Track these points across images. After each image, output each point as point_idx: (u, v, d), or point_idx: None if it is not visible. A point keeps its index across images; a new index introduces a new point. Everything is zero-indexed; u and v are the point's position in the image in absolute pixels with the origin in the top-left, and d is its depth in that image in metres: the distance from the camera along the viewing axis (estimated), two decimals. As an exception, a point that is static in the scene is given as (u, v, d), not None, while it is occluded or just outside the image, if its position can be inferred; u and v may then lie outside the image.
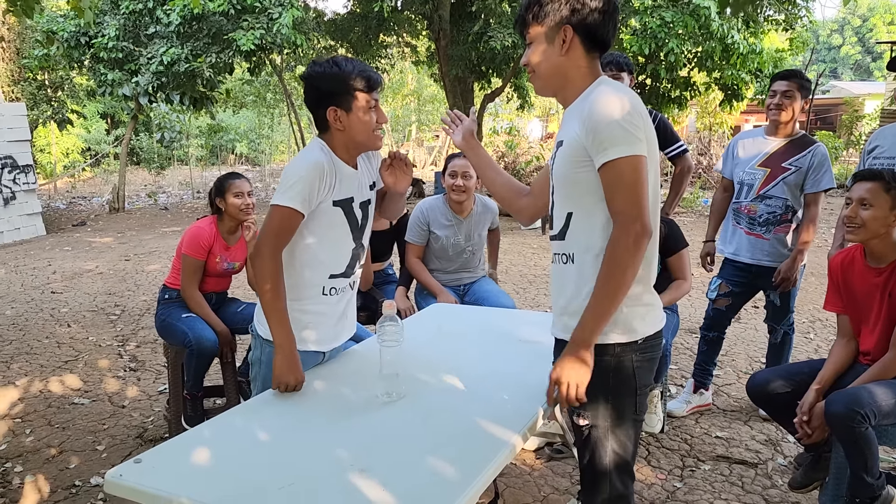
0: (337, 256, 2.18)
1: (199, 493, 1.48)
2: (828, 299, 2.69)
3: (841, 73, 45.33)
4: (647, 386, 1.76)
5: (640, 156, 1.57)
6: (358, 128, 2.06)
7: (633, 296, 1.67)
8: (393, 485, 1.51)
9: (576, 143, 1.64)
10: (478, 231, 3.67)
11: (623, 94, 1.62)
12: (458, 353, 2.48)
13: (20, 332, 5.39)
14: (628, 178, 1.57)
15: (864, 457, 2.28)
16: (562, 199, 1.75)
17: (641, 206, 1.57)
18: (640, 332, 1.70)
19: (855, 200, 2.45)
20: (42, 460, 3.24)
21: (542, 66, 1.73)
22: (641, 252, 1.59)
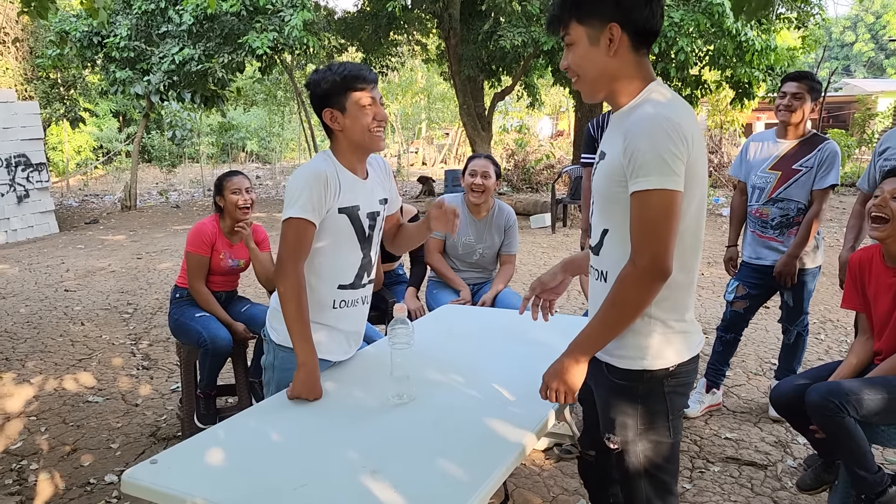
0: (344, 265, 2.19)
1: (214, 493, 1.51)
2: (845, 297, 2.69)
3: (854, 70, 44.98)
4: (681, 409, 1.71)
5: (673, 191, 1.47)
6: (353, 127, 2.07)
7: (669, 325, 1.61)
8: (404, 486, 1.52)
9: (615, 160, 1.55)
10: (491, 234, 3.68)
11: (671, 112, 1.50)
12: (469, 355, 2.50)
13: (34, 329, 5.45)
14: (654, 214, 1.48)
15: (849, 447, 2.30)
16: (599, 213, 1.69)
17: (661, 245, 1.48)
18: (673, 360, 1.63)
19: (886, 192, 2.43)
20: (57, 458, 3.28)
21: (588, 70, 1.60)
22: (651, 293, 1.52)
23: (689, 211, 1.56)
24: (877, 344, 2.58)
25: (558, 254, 8.42)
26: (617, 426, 1.68)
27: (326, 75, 2.06)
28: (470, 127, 12.01)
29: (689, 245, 1.60)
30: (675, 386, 1.65)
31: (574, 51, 1.61)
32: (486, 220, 3.66)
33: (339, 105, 2.06)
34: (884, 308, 2.53)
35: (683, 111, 1.54)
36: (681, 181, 1.48)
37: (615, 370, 1.66)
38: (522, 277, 7.05)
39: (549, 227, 10.23)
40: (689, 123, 1.51)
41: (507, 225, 3.71)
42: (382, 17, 12.11)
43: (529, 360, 2.40)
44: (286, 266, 2.03)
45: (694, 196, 1.55)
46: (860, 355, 2.61)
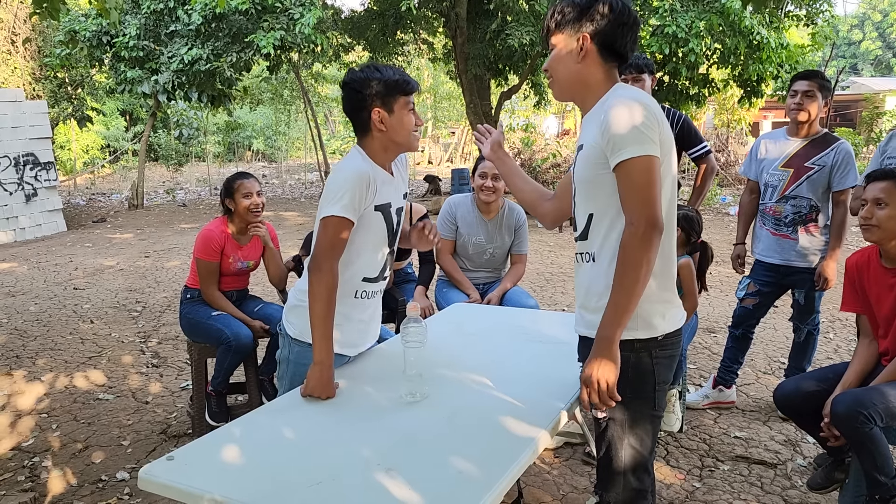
0: (373, 261, 2.23)
1: (230, 490, 1.52)
2: (845, 300, 2.68)
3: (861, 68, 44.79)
4: (666, 382, 1.80)
5: (652, 156, 1.63)
6: (398, 129, 2.14)
7: (652, 292, 1.72)
8: (419, 484, 1.53)
9: (595, 146, 1.70)
10: (501, 234, 3.69)
11: (638, 99, 1.67)
12: (480, 353, 2.50)
13: (44, 328, 5.48)
14: (639, 178, 1.63)
15: (873, 456, 2.29)
16: (583, 200, 1.80)
17: (651, 203, 1.62)
18: (660, 328, 1.75)
19: (870, 201, 2.43)
20: (69, 455, 3.30)
21: (560, 72, 1.80)
22: (653, 248, 1.63)
23: (664, 185, 1.69)
24: (883, 344, 2.57)
25: (565, 252, 8.42)
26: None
27: (377, 75, 2.09)
28: (477, 126, 12.02)
29: (667, 219, 1.71)
30: (662, 357, 1.77)
31: (553, 55, 1.81)
32: (496, 220, 3.66)
33: (387, 106, 2.11)
34: (887, 308, 2.52)
35: (649, 99, 1.71)
36: (657, 148, 1.64)
37: None
38: (530, 276, 7.05)
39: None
40: (656, 109, 1.68)
41: (517, 225, 3.71)
42: (389, 16, 12.13)
43: (541, 359, 2.41)
44: (322, 263, 2.05)
45: (666, 173, 1.70)
46: (865, 358, 2.59)
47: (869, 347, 2.60)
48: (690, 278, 3.22)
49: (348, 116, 2.19)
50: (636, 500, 1.84)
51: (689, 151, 3.82)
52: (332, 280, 2.06)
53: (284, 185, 19.27)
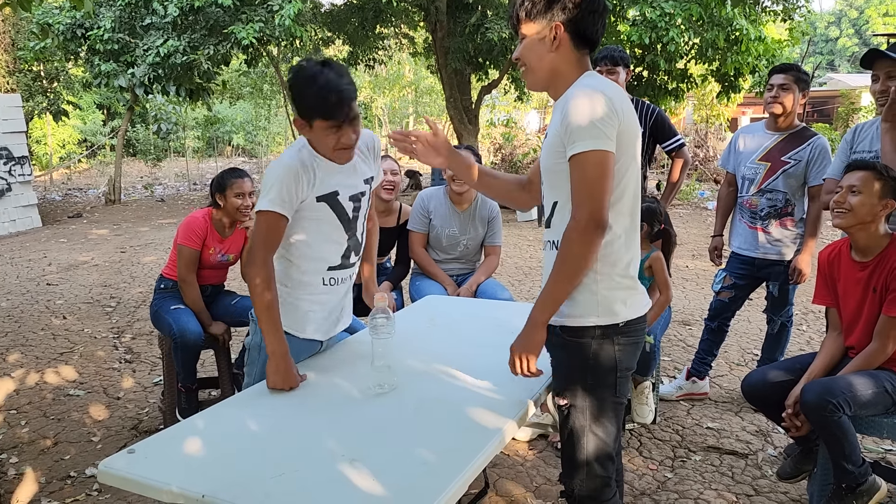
0: (330, 250, 2.21)
1: (192, 482, 1.50)
2: (817, 293, 2.71)
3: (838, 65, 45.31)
4: (629, 370, 1.82)
5: (605, 151, 1.63)
6: (319, 143, 2.11)
7: (613, 279, 1.75)
8: (382, 475, 1.52)
9: (556, 135, 1.72)
10: (475, 225, 3.70)
11: (600, 89, 1.67)
12: (451, 345, 2.49)
13: (15, 323, 5.39)
14: (590, 172, 1.64)
15: (841, 444, 2.32)
16: (548, 188, 1.82)
17: (598, 199, 1.63)
18: (622, 315, 1.76)
19: (845, 187, 2.45)
20: (37, 451, 3.25)
21: (533, 61, 1.79)
22: (592, 244, 1.65)
23: (624, 176, 1.72)
24: (848, 339, 2.59)
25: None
26: (567, 382, 1.81)
27: (307, 89, 2.00)
28: (457, 120, 11.99)
29: (627, 205, 1.75)
30: (625, 344, 1.78)
31: (524, 44, 1.80)
32: (468, 211, 3.67)
33: (307, 121, 2.06)
34: (853, 303, 2.54)
35: (613, 90, 1.71)
36: (612, 143, 1.64)
37: (568, 329, 1.77)
38: (508, 270, 7.06)
39: (535, 220, 10.25)
40: (619, 99, 1.68)
41: (490, 217, 3.71)
42: (369, 10, 12.06)
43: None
44: (257, 257, 2.05)
45: (628, 165, 1.72)
46: (832, 350, 2.62)
47: (836, 340, 2.63)
48: (663, 270, 3.23)
49: None
50: (600, 489, 1.84)
51: (663, 145, 3.84)
52: (266, 273, 2.04)
53: (264, 180, 19.12)
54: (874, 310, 2.45)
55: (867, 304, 2.47)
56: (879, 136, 2.72)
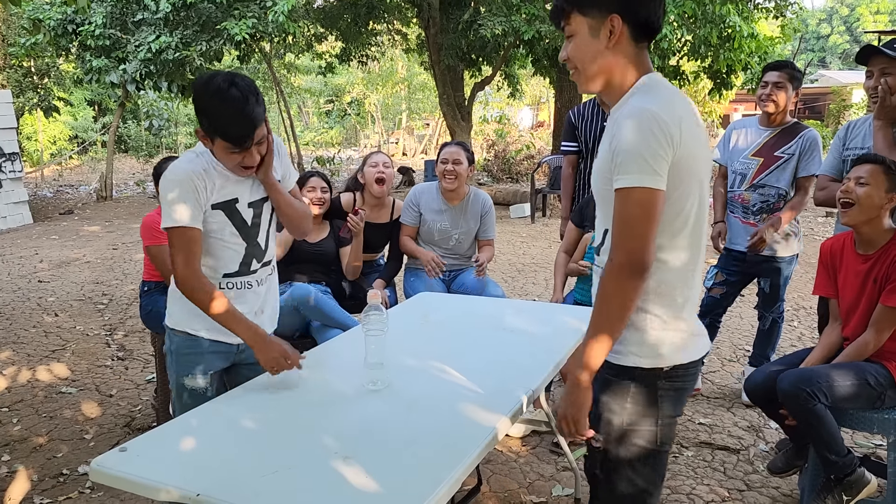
0: (225, 257, 2.13)
1: (184, 480, 1.50)
2: (818, 283, 2.73)
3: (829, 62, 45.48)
4: (673, 417, 1.64)
5: (651, 189, 1.45)
6: (220, 156, 2.04)
7: (664, 320, 1.57)
8: (376, 472, 1.52)
9: (605, 159, 1.55)
10: (467, 220, 3.71)
11: (658, 106, 1.47)
12: (444, 342, 2.50)
13: (6, 321, 5.37)
14: (632, 211, 1.46)
15: (819, 433, 2.36)
16: (599, 212, 1.67)
17: (638, 241, 1.46)
18: (669, 359, 1.58)
19: (852, 179, 2.47)
20: (30, 449, 3.24)
21: (586, 61, 1.58)
22: (629, 288, 1.48)
23: (684, 207, 1.53)
24: (843, 330, 2.62)
25: (537, 243, 8.45)
26: (602, 423, 1.64)
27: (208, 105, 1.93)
28: (450, 117, 11.97)
29: (687, 242, 1.56)
30: (669, 389, 1.60)
31: (573, 42, 1.58)
32: (460, 206, 3.68)
33: (209, 134, 1.99)
34: (852, 295, 2.56)
35: (674, 105, 1.50)
36: (662, 180, 1.45)
37: (608, 365, 1.61)
38: (501, 267, 7.07)
39: (528, 216, 10.25)
40: (676, 118, 1.48)
41: (483, 211, 3.74)
42: (361, 6, 12.01)
43: (505, 347, 2.42)
44: (181, 273, 1.99)
45: (690, 192, 1.52)
46: (830, 341, 2.65)
47: (836, 331, 2.66)
48: None
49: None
50: None
51: None
52: (199, 282, 2.00)
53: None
54: (872, 301, 2.48)
55: (866, 295, 2.50)
56: (872, 133, 2.73)
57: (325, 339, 2.99)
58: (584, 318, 2.66)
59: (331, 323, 3.18)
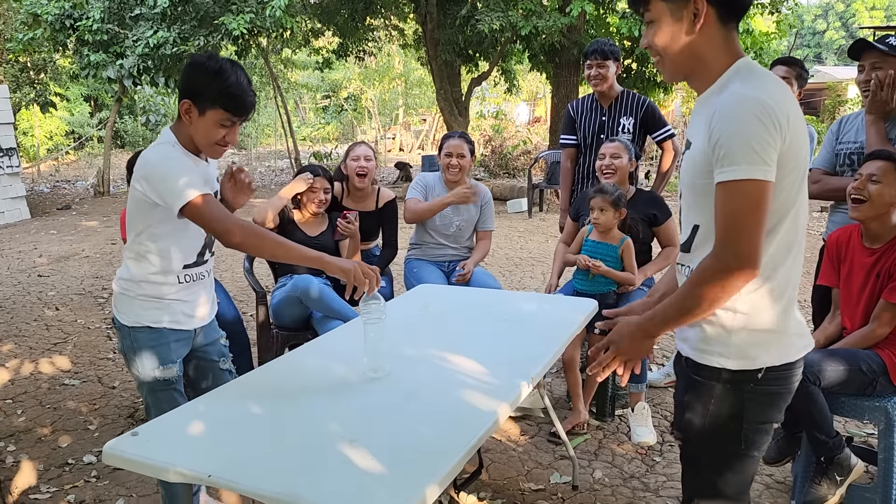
0: (189, 247, 2.20)
1: (195, 462, 1.54)
2: (822, 273, 2.78)
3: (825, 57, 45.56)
4: (763, 422, 1.55)
5: (762, 181, 1.36)
6: (200, 132, 2.07)
7: (756, 322, 1.49)
8: (381, 455, 1.56)
9: (701, 151, 1.46)
10: (468, 208, 3.80)
11: (761, 92, 1.39)
12: (445, 331, 2.55)
13: (7, 315, 5.40)
14: (740, 205, 1.37)
15: (811, 413, 2.42)
16: (688, 207, 1.58)
17: (748, 238, 1.37)
18: (760, 361, 1.50)
19: (864, 175, 2.50)
20: (34, 439, 3.28)
21: (670, 48, 1.50)
22: (730, 288, 1.41)
23: (787, 199, 1.45)
24: (844, 320, 2.67)
25: (535, 238, 8.50)
26: (684, 422, 1.60)
27: (211, 71, 2.00)
28: (447, 112, 12.01)
29: (787, 237, 1.48)
30: (758, 394, 1.52)
31: (654, 28, 1.52)
32: None
33: (200, 106, 2.04)
34: (856, 286, 2.61)
35: (776, 90, 1.42)
36: (771, 171, 1.37)
37: (693, 364, 1.58)
38: (499, 261, 7.11)
39: (525, 211, 10.30)
40: (782, 104, 1.40)
41: (483, 202, 3.83)
42: (359, 1, 12.04)
43: (505, 336, 2.46)
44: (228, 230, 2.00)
45: (793, 184, 1.45)
46: (830, 328, 2.72)
47: (835, 320, 2.72)
48: (631, 257, 3.33)
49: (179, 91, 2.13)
50: None
51: (653, 135, 3.90)
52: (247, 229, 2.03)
53: (254, 172, 19.07)
54: (875, 294, 2.53)
55: (868, 288, 2.55)
56: (864, 127, 2.78)
57: (325, 330, 3.03)
58: (583, 309, 2.74)
59: (332, 314, 3.22)
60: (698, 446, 1.60)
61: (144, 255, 2.16)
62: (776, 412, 1.55)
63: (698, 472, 1.63)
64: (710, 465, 1.59)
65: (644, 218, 3.44)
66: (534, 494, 2.80)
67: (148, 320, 2.18)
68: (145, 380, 2.22)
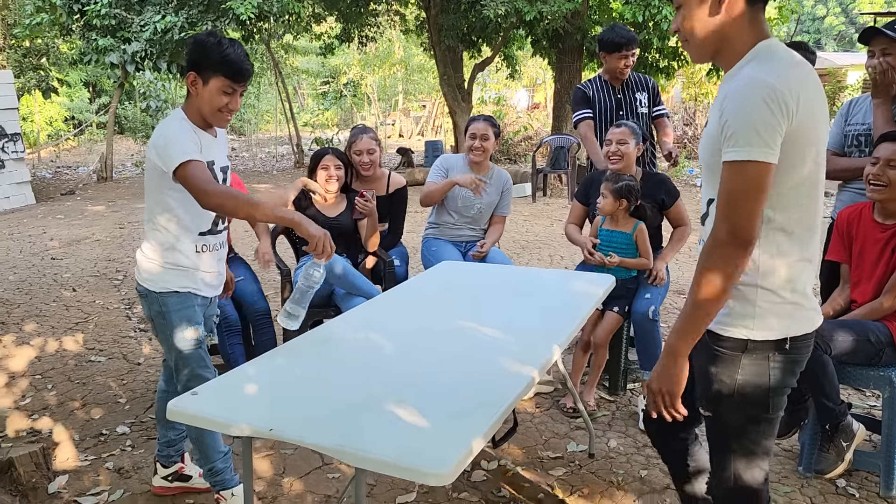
0: (201, 215, 2.37)
1: (256, 418, 1.65)
2: (831, 249, 2.89)
3: (825, 43, 45.48)
4: (786, 387, 1.64)
5: (761, 163, 1.44)
6: (206, 101, 2.26)
7: (777, 293, 1.57)
8: (427, 413, 1.68)
9: (715, 129, 1.53)
10: (490, 192, 3.88)
11: (772, 75, 1.46)
12: (469, 305, 2.66)
13: (26, 296, 5.50)
14: (739, 185, 1.46)
15: (820, 381, 2.55)
16: (705, 182, 1.67)
17: (744, 216, 1.46)
18: (781, 330, 1.58)
19: (882, 160, 2.59)
20: (67, 412, 3.40)
21: (697, 30, 1.57)
22: (731, 262, 1.48)
23: (799, 177, 1.52)
24: (853, 293, 2.79)
25: (540, 221, 8.60)
26: (713, 395, 1.66)
27: (211, 44, 2.20)
28: (450, 98, 12.07)
29: (802, 214, 1.55)
30: (782, 362, 1.60)
31: (682, 12, 1.59)
32: (486, 177, 3.87)
33: (203, 76, 2.23)
34: (869, 261, 2.72)
35: (789, 73, 1.48)
36: (774, 153, 1.44)
37: (717, 337, 1.63)
38: (505, 244, 7.22)
39: (529, 196, 10.40)
40: (792, 86, 1.46)
41: (504, 187, 3.93)
42: (362, -14, 12.05)
43: (529, 308, 2.58)
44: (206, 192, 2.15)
45: (805, 162, 1.51)
46: (838, 302, 2.84)
47: (844, 292, 2.84)
48: (645, 241, 3.43)
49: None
50: (749, 497, 1.72)
51: (653, 110, 4.11)
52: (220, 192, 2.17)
53: (255, 158, 19.11)
54: (888, 269, 2.64)
55: (882, 263, 2.66)
56: (872, 110, 2.89)
57: (349, 306, 3.13)
58: (601, 283, 2.86)
59: (355, 291, 3.33)
60: (729, 417, 1.66)
61: (162, 224, 2.34)
62: (794, 378, 1.65)
63: (729, 442, 1.68)
64: (743, 433, 1.66)
65: (653, 203, 3.53)
66: (552, 461, 2.92)
67: (175, 285, 2.36)
68: (175, 341, 2.36)
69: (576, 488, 2.73)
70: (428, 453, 1.50)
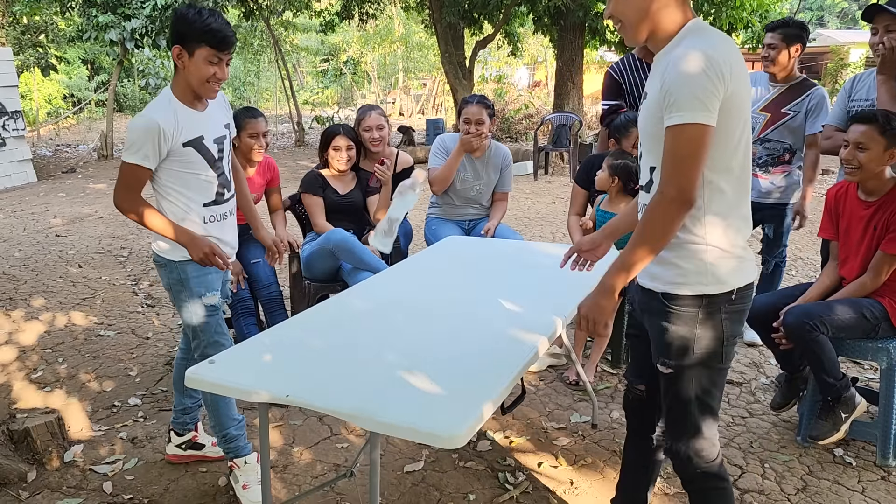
0: (203, 187, 2.43)
1: (273, 385, 1.70)
2: (822, 226, 2.94)
3: (827, 21, 45.15)
4: (735, 336, 1.78)
5: (703, 125, 1.56)
6: (193, 73, 2.29)
7: (722, 248, 1.69)
8: (438, 379, 1.73)
9: (655, 100, 1.65)
10: (488, 172, 3.89)
11: (707, 47, 1.58)
12: (476, 278, 2.71)
13: (32, 272, 5.54)
14: (683, 148, 1.57)
15: (820, 360, 2.61)
16: (646, 152, 1.77)
17: (688, 177, 1.58)
18: (731, 283, 1.71)
19: (851, 143, 2.64)
20: (79, 384, 3.46)
21: (629, 14, 1.69)
22: (675, 220, 1.61)
23: (735, 140, 1.64)
24: (842, 270, 2.84)
25: (542, 199, 8.63)
26: (673, 351, 1.76)
27: (192, 17, 2.23)
28: (452, 75, 12.04)
29: (738, 174, 1.68)
30: (732, 312, 1.73)
31: None
32: (483, 158, 3.85)
33: (188, 49, 2.26)
34: (854, 238, 2.77)
35: (722, 45, 1.60)
36: (713, 116, 1.56)
37: (674, 297, 1.73)
38: (509, 221, 7.24)
39: (531, 174, 10.42)
40: (726, 57, 1.58)
41: (503, 164, 3.91)
42: (363, -38, 11.97)
43: (535, 280, 2.63)
44: (122, 203, 2.30)
45: (738, 126, 1.64)
46: (829, 279, 2.87)
47: (834, 270, 2.88)
48: None
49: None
50: (708, 450, 1.83)
51: None
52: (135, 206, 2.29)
53: (255, 136, 19.04)
54: (872, 246, 2.69)
55: (866, 240, 2.71)
56: (876, 86, 2.92)
57: (355, 281, 3.18)
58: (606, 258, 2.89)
59: (362, 266, 3.37)
60: (690, 370, 1.77)
61: (170, 198, 2.39)
62: (741, 327, 1.81)
63: (690, 394, 1.79)
64: (701, 385, 1.79)
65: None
66: (556, 432, 2.99)
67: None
68: (195, 308, 2.42)
69: (579, 458, 2.79)
70: (441, 417, 1.56)
